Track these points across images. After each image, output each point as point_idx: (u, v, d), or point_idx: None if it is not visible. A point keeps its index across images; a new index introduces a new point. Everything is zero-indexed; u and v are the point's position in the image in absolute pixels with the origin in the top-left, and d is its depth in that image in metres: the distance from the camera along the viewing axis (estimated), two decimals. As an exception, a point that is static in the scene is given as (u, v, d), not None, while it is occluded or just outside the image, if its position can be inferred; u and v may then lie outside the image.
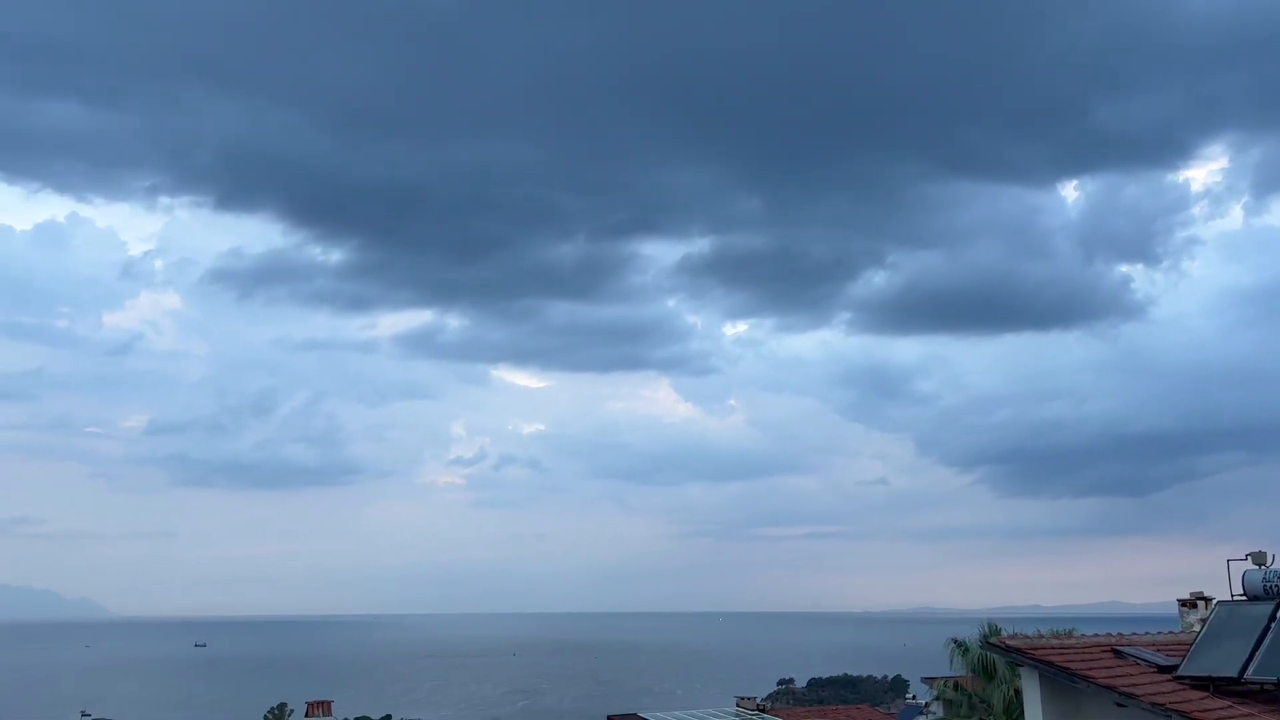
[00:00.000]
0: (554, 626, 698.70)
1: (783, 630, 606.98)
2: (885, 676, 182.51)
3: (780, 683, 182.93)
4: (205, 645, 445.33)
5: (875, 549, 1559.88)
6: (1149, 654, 18.21)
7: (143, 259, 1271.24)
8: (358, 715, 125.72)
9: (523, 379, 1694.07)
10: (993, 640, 20.42)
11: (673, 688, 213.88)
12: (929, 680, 41.84)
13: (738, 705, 37.52)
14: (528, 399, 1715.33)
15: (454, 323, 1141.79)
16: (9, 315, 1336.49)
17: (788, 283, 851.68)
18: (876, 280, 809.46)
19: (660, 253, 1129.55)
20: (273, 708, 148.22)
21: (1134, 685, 16.46)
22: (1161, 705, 15.71)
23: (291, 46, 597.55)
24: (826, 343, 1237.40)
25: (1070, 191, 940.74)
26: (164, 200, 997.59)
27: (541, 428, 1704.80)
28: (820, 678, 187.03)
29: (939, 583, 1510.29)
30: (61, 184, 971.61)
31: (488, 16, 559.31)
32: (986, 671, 26.95)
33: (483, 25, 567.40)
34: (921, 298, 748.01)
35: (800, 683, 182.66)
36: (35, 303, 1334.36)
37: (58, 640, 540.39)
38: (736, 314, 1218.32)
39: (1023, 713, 19.25)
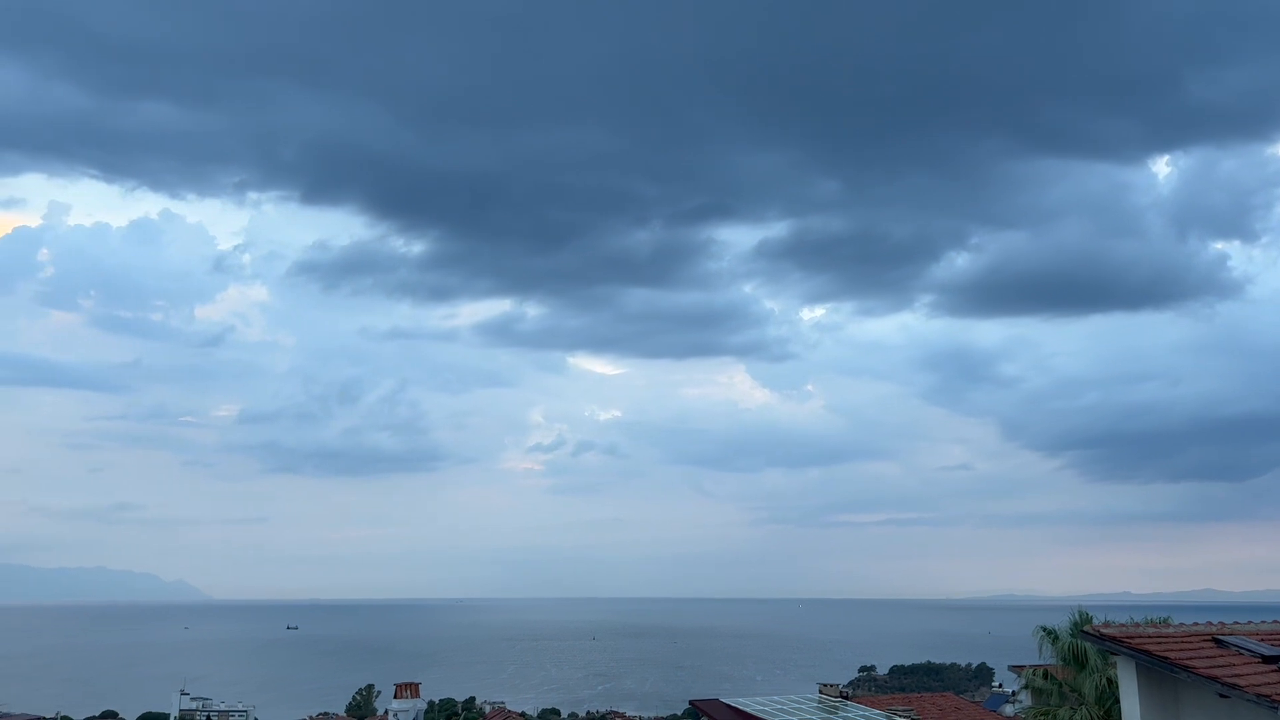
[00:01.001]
0: (632, 611, 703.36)
1: (863, 617, 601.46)
2: (969, 664, 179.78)
3: (862, 669, 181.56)
4: (297, 628, 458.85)
5: (958, 535, 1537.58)
6: (1252, 643, 17.57)
7: (232, 253, 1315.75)
8: (443, 697, 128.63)
9: (599, 366, 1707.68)
10: (1086, 628, 19.93)
11: (753, 673, 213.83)
12: (1016, 668, 41.13)
13: (821, 692, 37.26)
14: (604, 386, 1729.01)
15: (532, 311, 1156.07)
16: (108, 309, 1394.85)
17: (867, 265, 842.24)
18: (959, 262, 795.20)
19: (737, 238, 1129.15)
20: (361, 689, 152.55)
21: (1237, 675, 15.91)
22: (1267, 696, 15.16)
23: (373, 42, 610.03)
24: (907, 326, 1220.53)
25: (1162, 167, 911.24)
26: (252, 195, 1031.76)
27: (618, 414, 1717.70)
28: (903, 665, 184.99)
29: (1024, 569, 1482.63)
30: (156, 182, 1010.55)
31: (563, 7, 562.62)
32: (1077, 660, 26.30)
33: (558, 15, 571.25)
34: (1006, 279, 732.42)
35: (882, 670, 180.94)
36: (132, 297, 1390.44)
37: (158, 621, 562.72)
38: (814, 298, 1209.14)
39: (1116, 702, 18.74)
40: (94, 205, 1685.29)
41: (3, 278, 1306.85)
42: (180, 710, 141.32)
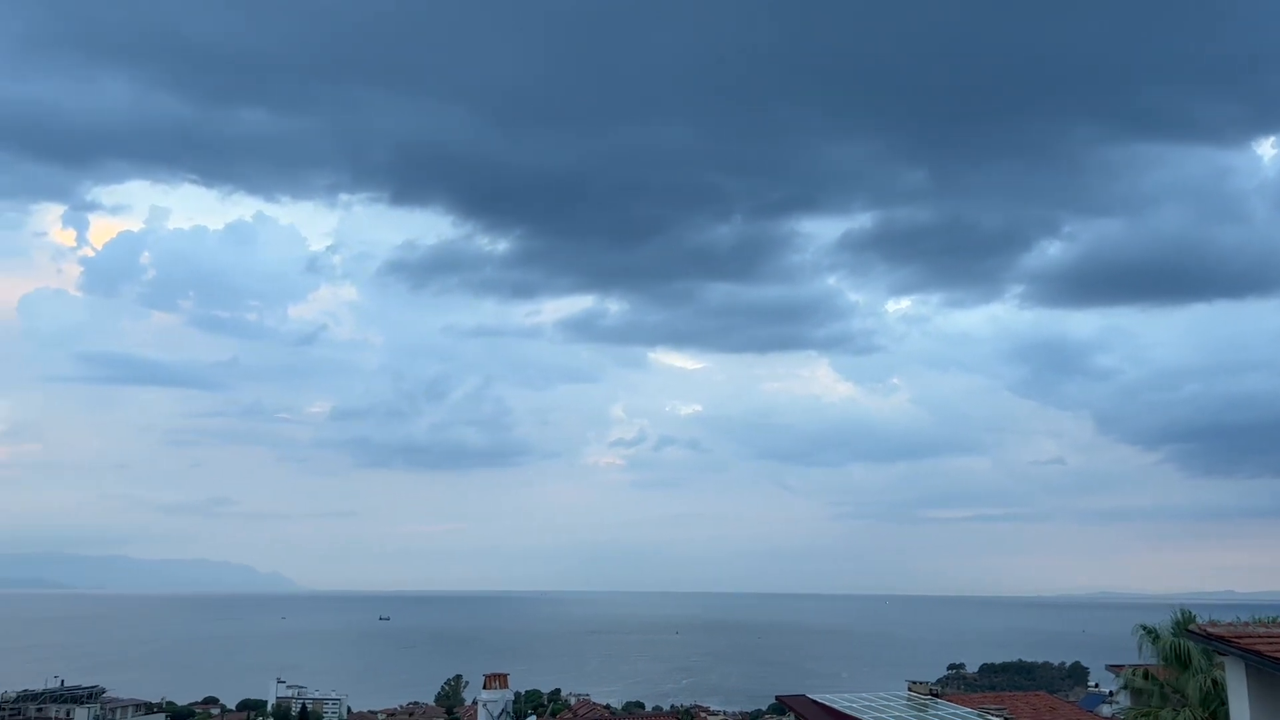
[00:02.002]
0: (714, 606, 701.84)
1: (951, 614, 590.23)
2: (1063, 663, 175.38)
3: (951, 667, 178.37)
4: (389, 618, 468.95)
5: (1050, 531, 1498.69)
6: (1371, 645, 16.75)
7: (323, 254, 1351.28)
8: (529, 688, 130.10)
9: (680, 361, 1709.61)
10: (1190, 627, 19.26)
11: (838, 669, 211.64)
12: (1114, 668, 39.83)
13: (910, 689, 36.70)
14: (685, 380, 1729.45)
15: (614, 307, 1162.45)
16: (206, 310, 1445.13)
17: (955, 256, 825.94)
18: (1051, 251, 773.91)
19: (820, 230, 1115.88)
20: (449, 679, 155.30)
21: (1355, 678, 15.22)
22: (1388, 701, 14.47)
23: (457, 45, 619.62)
24: (997, 317, 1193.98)
25: (1267, 149, 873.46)
26: (343, 197, 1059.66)
27: (699, 409, 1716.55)
28: (993, 663, 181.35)
29: (1120, 567, 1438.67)
30: (253, 185, 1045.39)
31: (642, 4, 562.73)
32: (1180, 660, 25.42)
33: (637, 12, 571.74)
34: (1101, 268, 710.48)
35: (972, 668, 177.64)
36: (228, 297, 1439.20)
37: (255, 612, 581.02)
38: (900, 290, 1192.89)
39: (1222, 704, 18.09)
40: (193, 209, 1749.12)
41: (108, 281, 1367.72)
42: (277, 698, 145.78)
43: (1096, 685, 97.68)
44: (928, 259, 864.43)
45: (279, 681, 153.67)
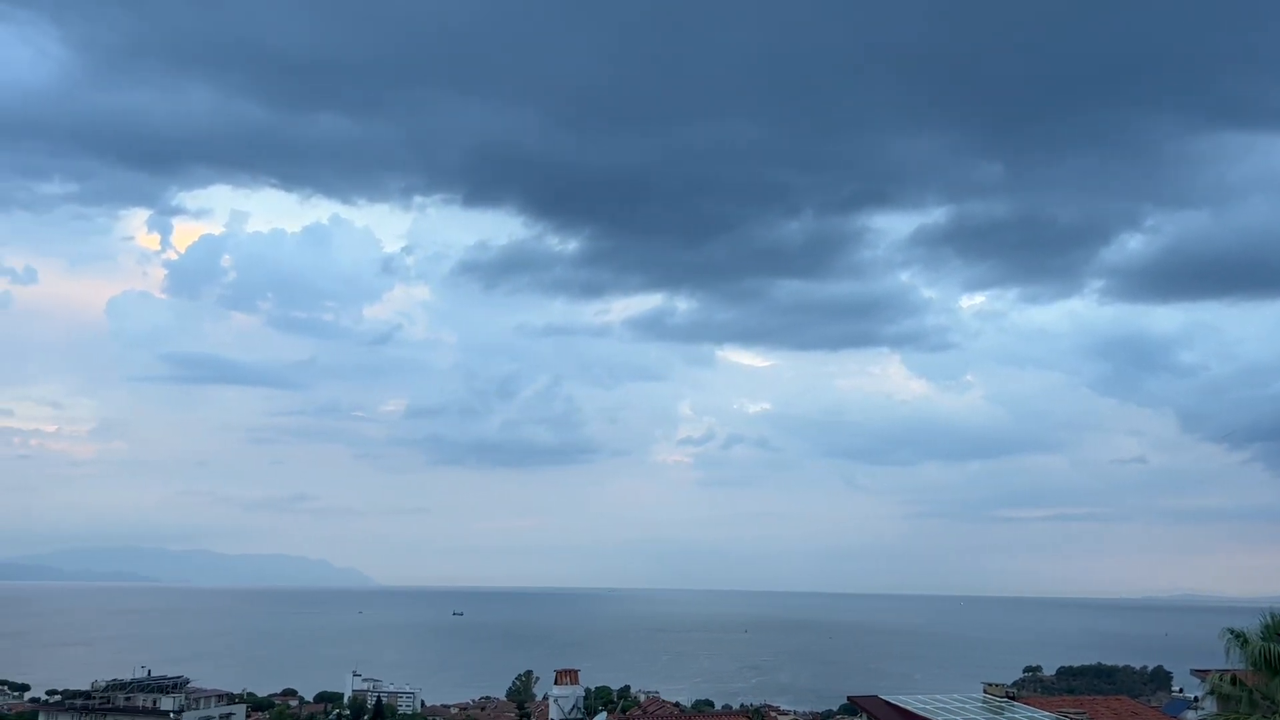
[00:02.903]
0: (783, 605, 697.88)
1: (1027, 615, 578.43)
2: (1144, 667, 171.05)
3: (1027, 670, 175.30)
4: (463, 614, 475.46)
5: (1131, 531, 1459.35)
6: None
7: (398, 255, 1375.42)
8: (598, 685, 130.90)
9: (749, 359, 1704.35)
10: (1280, 632, 18.68)
11: (910, 670, 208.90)
12: (1200, 673, 38.79)
13: (985, 691, 36.15)
14: (754, 378, 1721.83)
15: (682, 305, 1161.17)
16: (284, 310, 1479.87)
17: (1032, 250, 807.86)
18: (1132, 244, 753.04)
19: (892, 225, 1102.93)
20: (520, 674, 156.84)
21: None
22: None
23: (527, 47, 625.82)
24: (1075, 313, 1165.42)
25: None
26: (418, 199, 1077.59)
27: (767, 407, 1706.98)
28: (1071, 666, 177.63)
29: (1205, 568, 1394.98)
30: (330, 189, 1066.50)
31: (711, 1, 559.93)
32: (1270, 665, 24.68)
33: (704, 9, 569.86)
34: (1185, 261, 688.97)
35: (1049, 670, 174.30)
36: (306, 298, 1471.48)
37: (332, 606, 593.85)
38: (975, 286, 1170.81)
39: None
40: (272, 212, 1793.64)
41: (191, 283, 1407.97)
42: (353, 690, 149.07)
43: (1181, 690, 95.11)
44: (1003, 254, 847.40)
45: (355, 674, 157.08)
